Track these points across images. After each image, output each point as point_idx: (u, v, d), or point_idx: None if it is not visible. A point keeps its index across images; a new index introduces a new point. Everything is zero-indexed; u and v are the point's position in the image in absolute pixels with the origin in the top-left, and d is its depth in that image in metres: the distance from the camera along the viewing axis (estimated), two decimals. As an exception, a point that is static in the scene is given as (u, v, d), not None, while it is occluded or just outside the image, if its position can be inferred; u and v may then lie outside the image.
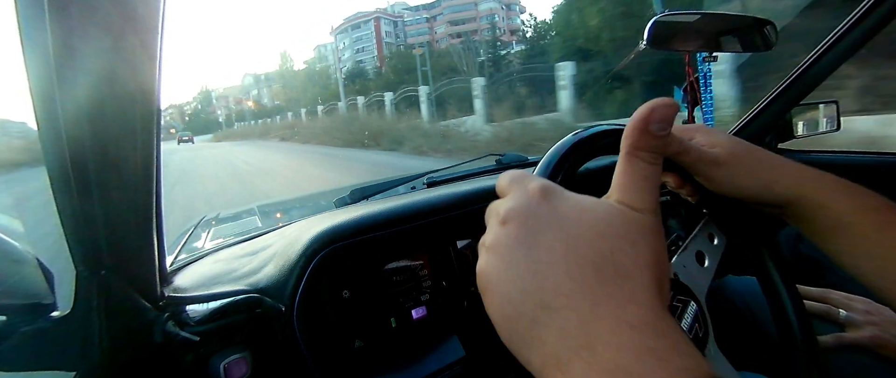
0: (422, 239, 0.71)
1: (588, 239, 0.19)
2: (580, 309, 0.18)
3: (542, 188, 0.22)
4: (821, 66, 0.97)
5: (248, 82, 74.71)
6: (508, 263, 0.20)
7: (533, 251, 0.20)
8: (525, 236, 0.20)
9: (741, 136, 1.20)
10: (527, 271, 0.19)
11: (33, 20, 0.30)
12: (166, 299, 0.51)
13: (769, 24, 0.80)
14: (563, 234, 0.20)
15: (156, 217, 0.44)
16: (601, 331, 0.17)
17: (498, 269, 0.21)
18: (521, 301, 0.19)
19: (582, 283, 0.18)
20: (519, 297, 0.19)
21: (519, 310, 0.19)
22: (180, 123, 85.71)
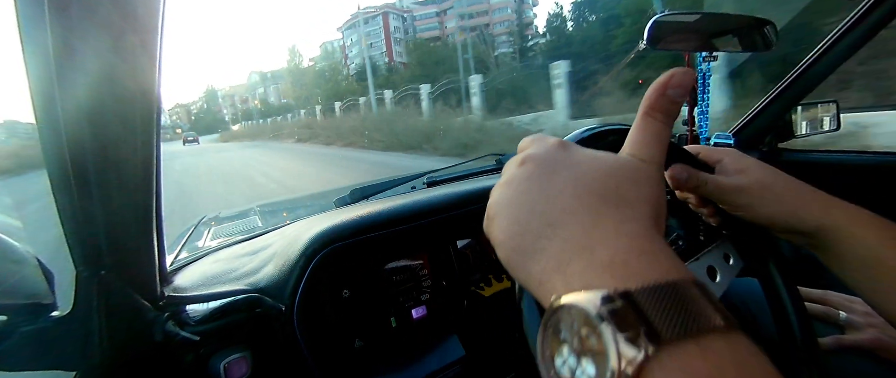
0: (422, 239, 0.71)
1: (596, 176, 0.22)
2: (583, 222, 0.20)
3: (560, 141, 0.25)
4: (821, 66, 0.97)
5: (255, 80, 73.20)
6: (521, 193, 0.22)
7: (546, 185, 0.22)
8: (540, 174, 0.22)
9: (741, 136, 1.20)
10: (538, 198, 0.22)
11: (33, 20, 0.30)
12: (166, 299, 0.51)
13: (769, 24, 0.80)
14: (574, 172, 0.22)
15: (156, 217, 0.44)
16: (600, 236, 0.19)
17: (510, 197, 0.23)
18: (529, 220, 0.21)
19: (587, 203, 0.20)
20: (527, 216, 0.21)
21: (526, 227, 0.21)
22: (187, 123, 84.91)
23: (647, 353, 0.15)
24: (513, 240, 0.21)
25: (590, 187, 0.21)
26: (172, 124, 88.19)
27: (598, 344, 0.16)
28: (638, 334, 0.15)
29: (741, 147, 1.21)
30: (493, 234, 0.23)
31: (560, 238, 0.20)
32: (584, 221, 0.20)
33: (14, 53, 0.31)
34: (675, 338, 0.15)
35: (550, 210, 0.21)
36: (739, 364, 0.15)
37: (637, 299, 0.16)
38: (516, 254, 0.21)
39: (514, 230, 0.22)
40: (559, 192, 0.21)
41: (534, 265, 0.20)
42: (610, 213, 0.20)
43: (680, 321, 0.15)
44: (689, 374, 0.15)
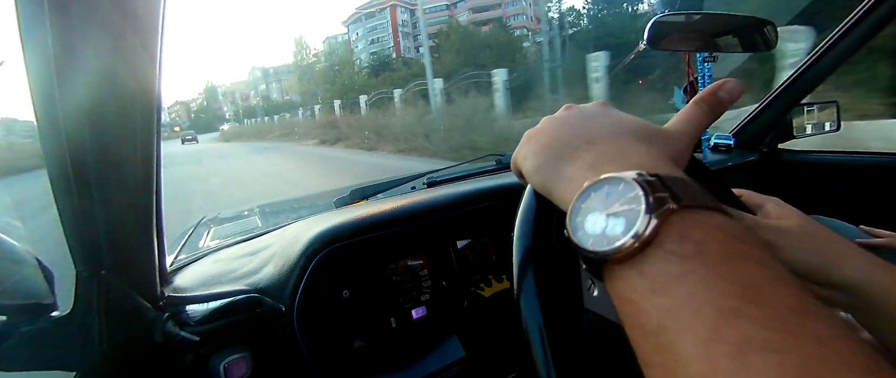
0: (422, 239, 0.71)
1: (635, 124, 0.25)
2: (619, 143, 0.23)
3: (603, 101, 0.29)
4: (821, 66, 0.97)
5: (256, 76, 70.12)
6: (563, 123, 0.26)
7: (588, 120, 0.26)
8: (582, 114, 0.27)
9: (741, 136, 1.20)
10: (580, 125, 0.25)
11: (33, 20, 0.30)
12: (166, 299, 0.51)
13: (769, 25, 0.80)
14: (614, 118, 0.26)
15: (156, 217, 0.44)
16: (633, 151, 0.23)
17: (553, 126, 0.26)
18: (570, 138, 0.25)
19: (623, 135, 0.24)
20: (568, 135, 0.25)
21: (565, 142, 0.24)
22: (186, 121, 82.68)
23: (672, 208, 0.18)
24: (550, 149, 0.25)
25: (627, 128, 0.25)
26: (171, 122, 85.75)
27: (630, 203, 0.18)
28: (665, 199, 0.18)
29: (741, 147, 1.21)
30: (526, 151, 0.26)
31: (596, 151, 0.23)
32: (619, 143, 0.23)
33: (14, 53, 0.31)
34: (693, 204, 0.18)
35: (590, 133, 0.24)
36: (738, 228, 0.18)
37: (664, 178, 0.19)
38: (552, 159, 0.24)
39: (553, 144, 0.25)
40: (600, 125, 0.25)
41: (568, 167, 0.23)
42: (642, 145, 0.23)
43: (698, 197, 0.19)
44: (705, 224, 0.18)
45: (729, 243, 0.17)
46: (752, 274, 0.16)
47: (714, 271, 0.16)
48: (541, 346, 0.27)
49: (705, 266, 0.16)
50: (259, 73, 69.04)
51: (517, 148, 0.29)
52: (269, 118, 37.46)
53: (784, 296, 0.16)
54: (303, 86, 43.62)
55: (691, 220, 0.18)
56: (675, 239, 0.17)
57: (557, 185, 0.23)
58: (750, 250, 0.17)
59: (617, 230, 0.18)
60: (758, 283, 0.16)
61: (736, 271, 0.16)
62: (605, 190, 0.20)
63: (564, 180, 0.23)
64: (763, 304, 0.15)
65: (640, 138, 0.24)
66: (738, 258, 0.17)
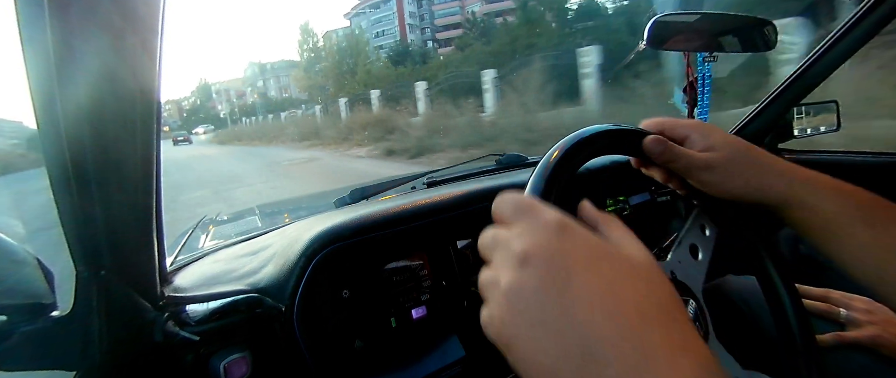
0: (422, 239, 0.71)
1: (623, 279, 0.19)
2: (629, 359, 0.17)
3: (559, 222, 0.21)
4: (820, 66, 0.97)
5: (253, 72, 65.41)
6: (539, 310, 0.19)
7: (565, 295, 0.18)
8: (553, 279, 0.19)
9: (741, 135, 1.20)
10: (563, 318, 0.18)
11: (33, 20, 0.30)
12: (166, 299, 0.51)
13: (769, 25, 0.80)
14: (596, 275, 0.19)
15: (156, 217, 0.44)
16: (651, 372, 0.16)
17: (527, 316, 0.19)
18: (562, 354, 0.18)
19: (628, 328, 0.17)
20: (557, 349, 0.18)
21: (559, 362, 0.18)
22: (178, 120, 79.80)
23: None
24: (544, 373, 0.19)
25: (623, 299, 0.18)
26: (162, 122, 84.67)
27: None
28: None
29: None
30: (516, 359, 0.20)
31: (607, 375, 0.17)
32: (629, 358, 0.17)
33: (14, 53, 0.31)
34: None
35: (584, 335, 0.18)
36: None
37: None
38: (546, 371, 0.18)
39: (547, 365, 0.18)
40: (587, 307, 0.18)
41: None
42: (658, 341, 0.17)
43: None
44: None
45: None
46: None
47: None
48: None
49: None
50: (256, 69, 64.82)
51: (492, 326, 0.21)
52: (273, 116, 32.29)
53: None
54: (310, 79, 36.56)
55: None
56: None
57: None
58: None
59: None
60: None
61: None
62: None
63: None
64: None
65: (651, 323, 0.18)
66: None
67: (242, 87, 70.69)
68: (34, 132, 0.33)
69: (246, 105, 57.55)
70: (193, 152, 20.77)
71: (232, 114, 56.05)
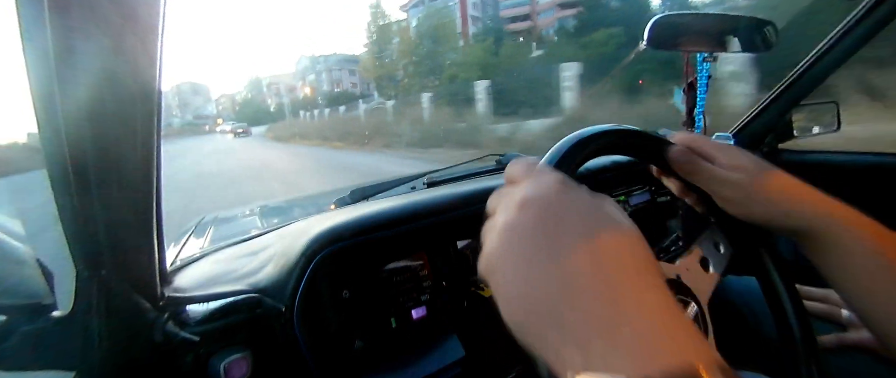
0: (422, 239, 0.71)
1: (608, 231, 0.21)
2: (604, 295, 0.19)
3: (561, 180, 0.23)
4: (821, 67, 0.97)
5: (304, 66, 59.27)
6: (530, 248, 0.21)
7: (555, 237, 0.20)
8: (545, 221, 0.21)
9: (741, 136, 1.20)
10: (550, 257, 0.20)
11: (33, 20, 0.30)
12: (166, 299, 0.51)
13: (769, 25, 0.80)
14: (584, 225, 0.21)
15: (156, 217, 0.44)
16: (623, 312, 0.18)
17: (517, 251, 0.21)
18: (543, 284, 0.20)
19: (606, 273, 0.19)
20: (540, 278, 0.20)
21: (539, 292, 0.20)
22: (231, 113, 79.02)
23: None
24: (524, 301, 0.20)
25: (604, 247, 0.20)
26: (217, 114, 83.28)
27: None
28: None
29: (741, 147, 1.21)
30: (495, 286, 0.22)
31: (580, 310, 0.19)
32: (604, 295, 0.19)
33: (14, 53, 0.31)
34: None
35: (566, 273, 0.19)
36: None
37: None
38: (530, 317, 0.20)
39: (525, 291, 0.20)
40: (571, 248, 0.20)
41: (551, 333, 0.19)
42: (629, 283, 0.19)
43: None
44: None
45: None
46: None
47: None
48: None
49: None
50: (308, 63, 57.67)
51: (483, 262, 0.23)
52: (330, 110, 26.78)
53: None
54: (376, 68, 29.00)
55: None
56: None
57: (545, 353, 0.20)
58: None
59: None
60: None
61: None
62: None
63: (550, 352, 0.19)
64: None
65: (625, 270, 0.20)
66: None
67: (293, 80, 65.91)
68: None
69: (297, 99, 53.81)
70: (254, 153, 15.37)
71: (288, 106, 51.21)
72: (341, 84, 52.04)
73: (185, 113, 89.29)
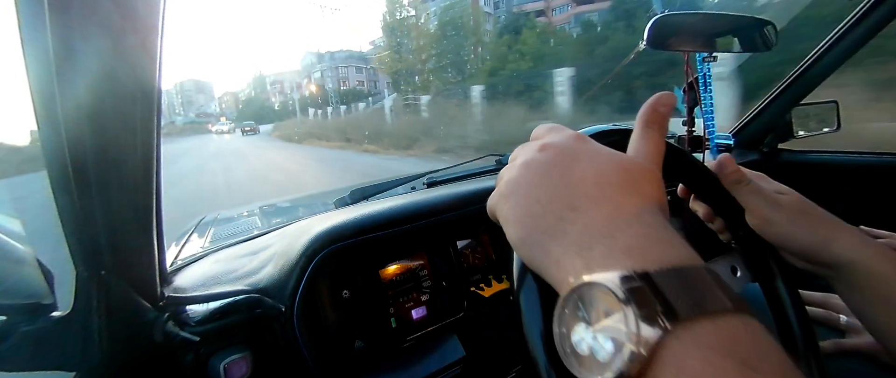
0: (422, 239, 0.71)
1: (615, 169, 0.23)
2: (604, 209, 0.21)
3: (578, 134, 0.27)
4: (821, 67, 0.97)
5: (309, 62, 56.71)
6: (543, 175, 0.23)
7: (567, 171, 0.23)
8: (561, 160, 0.24)
9: (741, 136, 1.20)
10: (560, 182, 0.23)
11: (33, 20, 0.30)
12: (166, 299, 0.51)
13: (769, 25, 0.80)
14: (594, 163, 0.23)
15: (156, 217, 0.44)
16: (621, 224, 0.20)
17: (530, 178, 0.24)
18: (551, 202, 0.22)
19: (608, 193, 0.22)
20: (549, 198, 0.22)
21: (547, 208, 0.22)
22: (234, 111, 77.23)
23: (666, 328, 0.16)
24: (532, 218, 0.22)
25: (610, 178, 0.22)
26: (220, 112, 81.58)
27: (618, 320, 0.16)
28: (656, 312, 0.16)
29: (741, 147, 1.21)
30: (506, 211, 0.24)
31: (581, 222, 0.21)
32: (604, 209, 0.21)
33: (14, 53, 0.31)
34: (690, 315, 0.16)
35: (573, 194, 0.22)
36: (752, 341, 0.16)
37: (655, 280, 0.17)
38: (536, 232, 0.22)
39: (535, 210, 0.22)
40: (581, 178, 0.22)
41: (554, 245, 0.21)
42: (629, 201, 0.21)
43: (695, 301, 0.16)
44: (704, 347, 0.15)
45: (734, 373, 0.15)
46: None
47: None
48: (541, 346, 0.27)
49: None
50: (313, 59, 55.65)
51: (493, 198, 0.26)
52: (346, 108, 25.29)
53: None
54: (394, 62, 25.40)
55: (691, 343, 0.16)
56: (670, 372, 0.15)
57: (547, 267, 0.21)
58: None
59: (604, 355, 0.16)
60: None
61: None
62: (588, 298, 0.18)
63: (553, 264, 0.21)
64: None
65: (627, 192, 0.22)
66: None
67: (298, 78, 62.51)
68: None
69: (303, 97, 50.86)
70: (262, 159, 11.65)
71: (296, 103, 47.88)
72: (347, 82, 50.44)
73: (188, 111, 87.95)
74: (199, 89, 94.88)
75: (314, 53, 56.73)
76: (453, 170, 0.96)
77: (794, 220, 0.34)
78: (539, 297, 0.27)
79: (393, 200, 0.74)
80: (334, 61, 52.55)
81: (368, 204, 0.81)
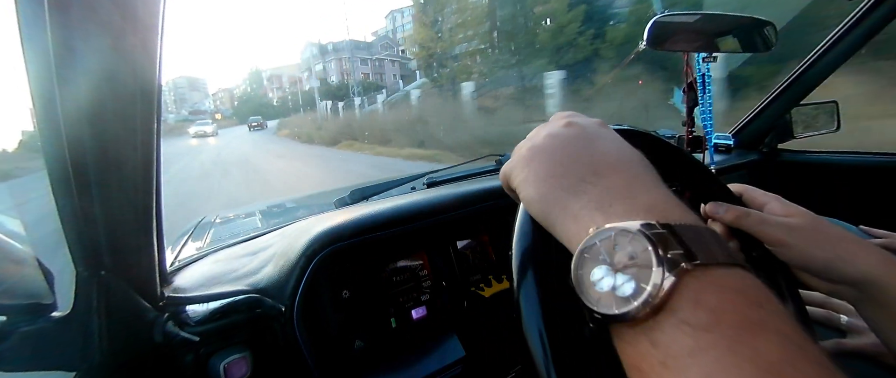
0: (422, 239, 0.71)
1: (634, 153, 0.25)
2: (624, 176, 0.22)
3: (601, 121, 0.28)
4: (820, 67, 0.97)
5: (311, 54, 51.47)
6: (568, 144, 0.25)
7: (591, 145, 0.25)
8: (586, 136, 0.25)
9: (741, 136, 1.21)
10: (584, 151, 0.24)
11: (33, 20, 0.30)
12: (166, 299, 0.51)
13: (769, 25, 0.80)
14: (616, 145, 0.25)
15: (156, 217, 0.44)
16: (641, 187, 0.22)
17: (555, 145, 0.25)
18: (574, 165, 0.23)
19: (628, 164, 0.23)
20: (572, 161, 0.24)
21: (569, 170, 0.23)
22: (229, 108, 73.40)
23: (686, 269, 0.17)
24: (554, 178, 0.24)
25: (631, 155, 0.24)
26: (214, 109, 77.87)
27: (640, 260, 0.17)
28: (678, 254, 0.17)
29: (741, 147, 1.21)
30: (525, 173, 0.25)
31: (603, 185, 0.22)
32: (626, 175, 0.22)
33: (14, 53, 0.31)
34: (708, 261, 0.17)
35: (595, 162, 0.23)
36: (757, 286, 0.17)
37: (677, 230, 0.18)
38: (555, 189, 0.23)
39: (558, 170, 0.24)
40: (604, 152, 0.24)
41: (573, 202, 0.22)
42: (648, 173, 0.23)
43: (711, 252, 0.18)
44: (719, 285, 0.17)
45: (747, 311, 0.16)
46: (774, 352, 0.15)
47: (732, 347, 0.15)
48: (541, 347, 0.27)
49: (722, 341, 0.15)
50: (314, 51, 50.74)
51: (510, 164, 0.27)
52: (360, 101, 21.56)
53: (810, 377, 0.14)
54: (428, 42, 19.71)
55: (707, 281, 0.17)
56: (689, 305, 0.16)
57: (562, 222, 0.22)
58: (770, 319, 0.16)
59: (626, 291, 0.17)
60: (782, 362, 0.15)
61: (756, 347, 0.15)
62: (611, 240, 0.19)
63: (569, 218, 0.22)
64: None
65: (643, 167, 0.23)
66: (758, 330, 0.16)
67: (299, 72, 58.19)
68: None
69: (304, 91, 47.68)
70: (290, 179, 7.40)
71: (283, 101, 44.45)
72: (350, 75, 44.85)
73: (181, 108, 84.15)
74: (193, 86, 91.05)
75: (315, 44, 51.75)
76: (453, 170, 0.96)
77: (809, 241, 0.34)
78: (539, 296, 0.27)
79: (393, 200, 0.74)
80: (338, 52, 48.16)
81: (368, 204, 0.81)
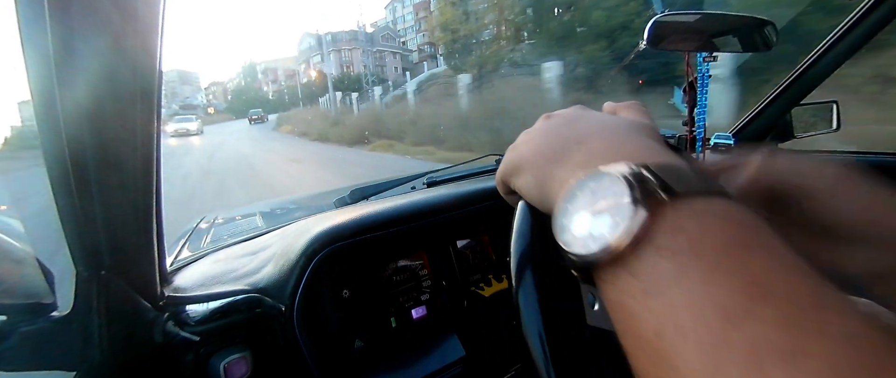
0: (422, 239, 0.71)
1: (620, 121, 0.26)
2: (610, 138, 0.23)
3: (579, 105, 0.29)
4: (821, 67, 0.97)
5: (308, 46, 49.26)
6: (558, 126, 0.26)
7: (579, 121, 0.26)
8: (576, 116, 0.27)
9: (741, 136, 1.21)
10: (572, 127, 0.25)
11: (33, 20, 0.30)
12: (166, 299, 0.51)
13: (769, 25, 0.80)
14: (604, 118, 0.26)
15: (156, 217, 0.44)
16: (622, 143, 0.22)
17: (547, 128, 0.26)
18: (559, 139, 0.24)
19: (615, 129, 0.24)
20: (557, 136, 0.25)
21: (555, 144, 0.24)
22: (223, 102, 70.85)
23: (663, 200, 0.16)
24: (541, 151, 0.25)
25: (617, 123, 0.25)
26: (207, 103, 75.43)
27: (618, 196, 0.17)
28: (654, 187, 0.17)
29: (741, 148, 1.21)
30: (518, 155, 0.26)
31: (586, 149, 0.23)
32: (611, 138, 0.23)
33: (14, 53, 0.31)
34: (685, 193, 0.17)
35: (581, 134, 0.24)
36: (741, 211, 0.16)
37: (653, 167, 0.18)
38: (542, 162, 0.24)
39: (545, 143, 0.25)
40: (589, 124, 0.25)
41: (559, 169, 0.23)
42: (634, 135, 0.23)
43: (691, 185, 0.17)
44: (699, 212, 0.16)
45: (730, 232, 0.15)
46: (759, 266, 0.14)
47: (715, 266, 0.14)
48: (540, 346, 0.27)
49: (704, 260, 0.14)
50: (312, 41, 48.18)
51: (502, 166, 0.28)
52: (380, 91, 19.00)
53: (799, 288, 0.13)
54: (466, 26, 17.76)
55: (686, 210, 0.16)
56: (667, 233, 0.15)
57: (549, 188, 0.22)
58: (755, 238, 0.15)
59: (603, 229, 0.17)
60: (767, 275, 0.14)
61: (740, 264, 0.14)
62: (590, 187, 0.18)
63: (555, 184, 0.22)
64: (775, 301, 0.13)
65: (632, 130, 0.24)
66: (742, 247, 0.15)
67: (295, 64, 56.17)
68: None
69: (302, 83, 46.46)
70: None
71: (279, 95, 42.10)
72: (352, 66, 44.64)
73: (172, 103, 79.50)
74: (184, 80, 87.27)
75: (314, 35, 49.03)
76: (453, 170, 0.96)
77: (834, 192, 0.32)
78: (539, 296, 0.27)
79: (393, 200, 0.74)
80: (337, 43, 45.99)
81: (368, 204, 0.81)
